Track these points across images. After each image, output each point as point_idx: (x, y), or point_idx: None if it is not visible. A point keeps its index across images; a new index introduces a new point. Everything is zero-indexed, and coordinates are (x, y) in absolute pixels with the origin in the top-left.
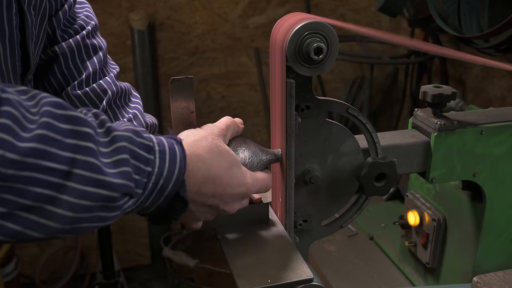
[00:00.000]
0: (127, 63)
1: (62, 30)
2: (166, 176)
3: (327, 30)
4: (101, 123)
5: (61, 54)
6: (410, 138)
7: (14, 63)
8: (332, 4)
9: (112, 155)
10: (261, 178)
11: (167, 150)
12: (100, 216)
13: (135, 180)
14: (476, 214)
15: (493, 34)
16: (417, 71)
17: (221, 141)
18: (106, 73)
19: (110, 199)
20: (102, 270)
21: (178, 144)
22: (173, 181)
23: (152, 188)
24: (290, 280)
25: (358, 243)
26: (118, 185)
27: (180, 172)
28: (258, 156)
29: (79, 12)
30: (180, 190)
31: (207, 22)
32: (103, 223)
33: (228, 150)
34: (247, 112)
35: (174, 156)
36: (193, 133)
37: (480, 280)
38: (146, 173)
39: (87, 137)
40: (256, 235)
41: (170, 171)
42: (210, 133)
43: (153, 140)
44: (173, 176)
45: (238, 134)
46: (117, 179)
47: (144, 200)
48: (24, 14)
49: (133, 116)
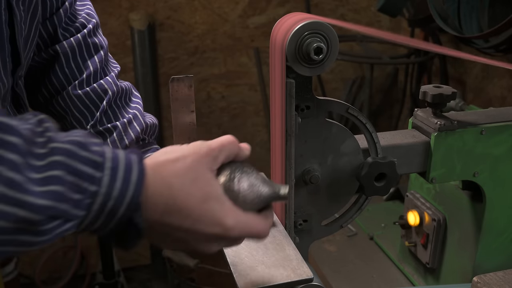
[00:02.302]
0: (127, 63)
1: (63, 28)
2: (116, 198)
3: (327, 30)
4: (43, 131)
5: (62, 53)
6: (410, 138)
7: (4, 59)
8: (332, 4)
9: (43, 170)
10: (250, 222)
11: (121, 167)
12: (21, 240)
13: (74, 200)
14: (476, 214)
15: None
16: (417, 71)
17: (204, 165)
18: (107, 72)
19: (31, 222)
20: (102, 270)
21: (138, 162)
22: (126, 204)
23: (98, 209)
24: (290, 280)
25: (358, 243)
26: (40, 207)
27: (135, 195)
28: (256, 190)
29: (80, 10)
30: (134, 215)
31: (207, 22)
32: (30, 247)
33: (209, 178)
34: (247, 112)
35: (129, 176)
36: (172, 150)
37: (480, 280)
38: (89, 193)
39: (11, 148)
40: None
41: (122, 192)
42: (193, 153)
43: (105, 155)
44: (125, 198)
45: (239, 159)
46: (41, 199)
47: (91, 223)
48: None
49: (133, 116)
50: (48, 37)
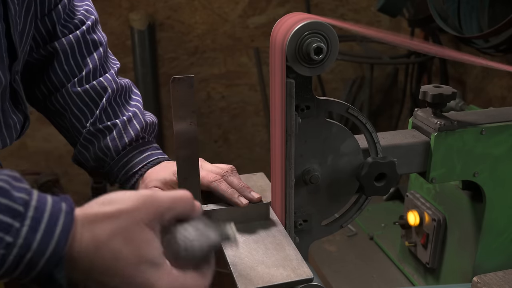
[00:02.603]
0: (127, 63)
1: (62, 25)
2: (35, 250)
3: (327, 30)
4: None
5: (61, 51)
6: (410, 138)
7: (1, 54)
8: (332, 4)
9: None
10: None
11: (45, 218)
12: None
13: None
14: (476, 214)
15: (493, 34)
16: (417, 71)
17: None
18: (107, 69)
19: None
20: None
21: (67, 213)
22: (46, 258)
23: (15, 261)
24: (290, 280)
25: (358, 243)
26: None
27: (58, 249)
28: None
29: (79, 6)
30: (54, 270)
31: (207, 22)
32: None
33: (144, 240)
34: (247, 112)
35: (53, 227)
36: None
37: (480, 280)
38: (3, 243)
39: None
40: (256, 234)
41: (43, 244)
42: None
43: (29, 203)
44: (47, 251)
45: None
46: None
47: (7, 273)
48: (7, 4)
49: (132, 115)
50: (46, 34)
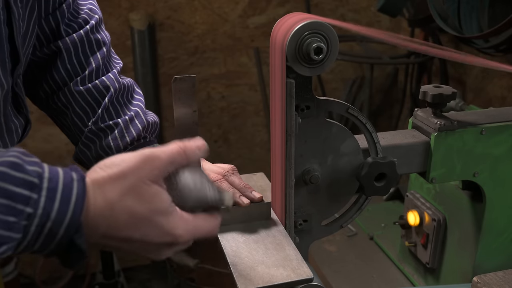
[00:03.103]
0: (127, 63)
1: (66, 24)
2: (55, 219)
3: (327, 30)
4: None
5: (65, 50)
6: (410, 138)
7: (3, 59)
8: (332, 4)
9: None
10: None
11: (59, 187)
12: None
13: (8, 222)
14: (476, 214)
15: (493, 34)
16: (417, 71)
17: (149, 179)
18: (110, 69)
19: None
20: (102, 270)
21: (79, 181)
22: (65, 225)
23: (36, 231)
24: (290, 280)
25: (358, 243)
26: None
27: (75, 215)
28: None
29: (82, 5)
30: (74, 236)
31: (207, 22)
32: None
33: (153, 193)
34: (247, 112)
35: (68, 196)
36: (114, 164)
37: (480, 280)
38: (24, 215)
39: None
40: (256, 234)
41: (61, 213)
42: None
43: (42, 175)
44: (65, 219)
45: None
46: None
47: (29, 245)
48: (10, 8)
49: (134, 114)
50: (50, 33)
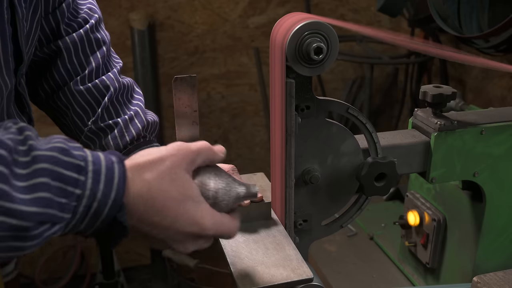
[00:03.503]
0: (127, 63)
1: (66, 24)
2: (100, 199)
3: (327, 30)
4: (24, 139)
5: (65, 49)
6: (410, 138)
7: (7, 58)
8: (332, 4)
9: (29, 178)
10: (226, 223)
11: (103, 170)
12: (13, 246)
13: (60, 204)
14: (476, 214)
15: (493, 34)
16: (417, 71)
17: (181, 167)
18: (109, 68)
19: (22, 228)
20: (102, 270)
21: (119, 163)
22: (110, 205)
23: (84, 211)
24: (290, 280)
25: (358, 243)
26: (30, 214)
27: (118, 195)
28: (229, 191)
29: (82, 4)
30: (118, 214)
31: (207, 22)
32: (19, 252)
33: (186, 180)
34: (247, 112)
35: (111, 177)
36: (150, 153)
37: (480, 280)
38: (74, 196)
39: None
40: (256, 234)
41: (106, 193)
42: (171, 155)
43: (87, 159)
44: (109, 199)
45: (213, 163)
46: (30, 207)
47: (77, 224)
48: (14, 8)
49: (134, 113)
50: (50, 32)
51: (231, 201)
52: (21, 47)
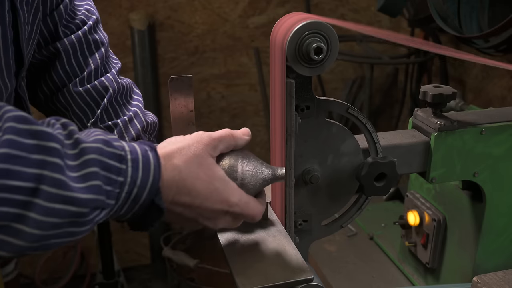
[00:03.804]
0: (127, 63)
1: (64, 26)
2: (139, 185)
3: (327, 30)
4: (69, 134)
5: (63, 51)
6: (410, 138)
7: (8, 61)
8: (332, 4)
9: (80, 169)
10: (250, 203)
11: (140, 158)
12: (69, 232)
13: (106, 191)
14: (476, 214)
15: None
16: (417, 71)
17: (205, 152)
18: (108, 69)
19: (80, 215)
20: (102, 270)
21: (152, 151)
22: (148, 190)
23: (125, 197)
24: (290, 280)
25: (358, 243)
26: (87, 201)
27: (155, 180)
28: (255, 174)
29: (80, 6)
30: (155, 198)
31: (207, 22)
32: (74, 237)
33: (210, 163)
34: (247, 112)
35: (148, 164)
36: (176, 140)
37: (480, 280)
38: (118, 184)
39: (53, 152)
40: (256, 234)
41: (144, 179)
42: (196, 142)
43: (125, 149)
44: (147, 184)
45: (239, 147)
46: (85, 194)
47: (118, 209)
48: (16, 11)
49: (133, 114)
50: (48, 34)
51: (258, 184)
52: (22, 50)
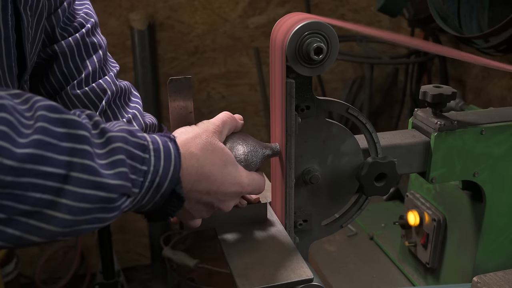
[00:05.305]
0: (127, 63)
1: (61, 28)
2: (161, 174)
3: (327, 30)
4: (95, 124)
5: (61, 53)
6: (410, 138)
7: (10, 64)
8: (332, 4)
9: (108, 156)
10: (257, 179)
11: (161, 148)
12: (98, 218)
13: (132, 179)
14: (476, 214)
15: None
16: (417, 71)
17: (215, 138)
18: (106, 72)
19: (109, 200)
20: (102, 270)
21: (172, 141)
22: (169, 179)
23: (148, 186)
24: (290, 280)
25: (358, 243)
26: (116, 186)
27: (176, 169)
28: (256, 152)
29: (78, 9)
30: (176, 187)
31: (207, 22)
32: (102, 224)
33: (222, 148)
34: (247, 112)
35: (169, 154)
36: (187, 130)
37: (480, 280)
38: (142, 172)
39: (82, 140)
40: (256, 235)
41: (166, 168)
42: (205, 131)
43: (147, 139)
44: (169, 173)
45: (237, 130)
46: (114, 180)
47: (141, 199)
48: (20, 15)
49: (132, 116)
50: (46, 37)
51: (259, 161)
52: (25, 54)
